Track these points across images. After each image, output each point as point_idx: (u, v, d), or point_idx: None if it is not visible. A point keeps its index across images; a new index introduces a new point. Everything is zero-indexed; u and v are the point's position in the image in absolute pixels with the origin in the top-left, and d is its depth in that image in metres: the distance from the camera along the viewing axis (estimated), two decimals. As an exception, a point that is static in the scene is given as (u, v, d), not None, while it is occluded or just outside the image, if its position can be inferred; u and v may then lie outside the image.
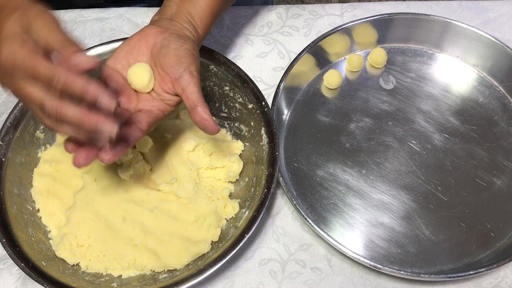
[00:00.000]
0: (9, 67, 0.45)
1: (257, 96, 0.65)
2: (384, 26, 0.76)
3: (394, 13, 0.76)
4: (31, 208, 0.62)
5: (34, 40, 0.45)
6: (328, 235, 0.59)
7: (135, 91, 0.56)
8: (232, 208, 0.63)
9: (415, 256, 0.61)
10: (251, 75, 0.70)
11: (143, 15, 0.81)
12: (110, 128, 0.45)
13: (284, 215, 0.65)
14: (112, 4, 0.83)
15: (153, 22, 0.59)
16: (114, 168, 0.63)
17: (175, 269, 0.59)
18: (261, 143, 0.64)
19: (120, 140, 0.50)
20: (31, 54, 0.44)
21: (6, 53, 0.44)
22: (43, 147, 0.67)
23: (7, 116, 0.64)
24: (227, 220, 0.63)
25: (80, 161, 0.49)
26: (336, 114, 0.72)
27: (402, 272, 0.57)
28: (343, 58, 0.77)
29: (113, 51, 0.58)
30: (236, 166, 0.65)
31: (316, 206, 0.65)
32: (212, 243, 0.61)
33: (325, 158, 0.68)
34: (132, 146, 0.56)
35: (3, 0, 0.49)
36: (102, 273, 0.59)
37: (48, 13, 0.47)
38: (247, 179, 0.65)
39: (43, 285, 0.55)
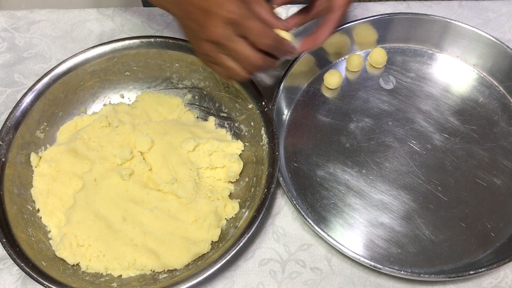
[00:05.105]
0: (231, 19, 0.51)
1: (257, 96, 0.65)
2: (384, 26, 0.76)
3: (394, 13, 0.76)
4: (31, 208, 0.62)
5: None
6: (328, 235, 0.59)
7: None
8: (232, 208, 0.63)
9: (415, 256, 0.61)
10: (251, 75, 0.70)
11: (143, 15, 0.81)
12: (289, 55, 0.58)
13: (284, 215, 0.65)
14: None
15: None
16: (114, 168, 0.63)
17: (175, 269, 0.59)
18: (261, 143, 0.64)
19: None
20: (248, 12, 0.52)
21: (231, 8, 0.51)
22: (43, 147, 0.67)
23: (7, 116, 0.64)
24: (227, 220, 0.63)
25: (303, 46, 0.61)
26: (336, 114, 0.72)
27: (402, 272, 0.57)
28: (343, 58, 0.77)
29: None
30: (236, 166, 0.65)
31: (316, 206, 0.65)
32: (212, 243, 0.61)
33: (325, 158, 0.68)
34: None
35: None
36: (102, 273, 0.59)
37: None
38: (247, 179, 0.65)
39: (43, 285, 0.55)
